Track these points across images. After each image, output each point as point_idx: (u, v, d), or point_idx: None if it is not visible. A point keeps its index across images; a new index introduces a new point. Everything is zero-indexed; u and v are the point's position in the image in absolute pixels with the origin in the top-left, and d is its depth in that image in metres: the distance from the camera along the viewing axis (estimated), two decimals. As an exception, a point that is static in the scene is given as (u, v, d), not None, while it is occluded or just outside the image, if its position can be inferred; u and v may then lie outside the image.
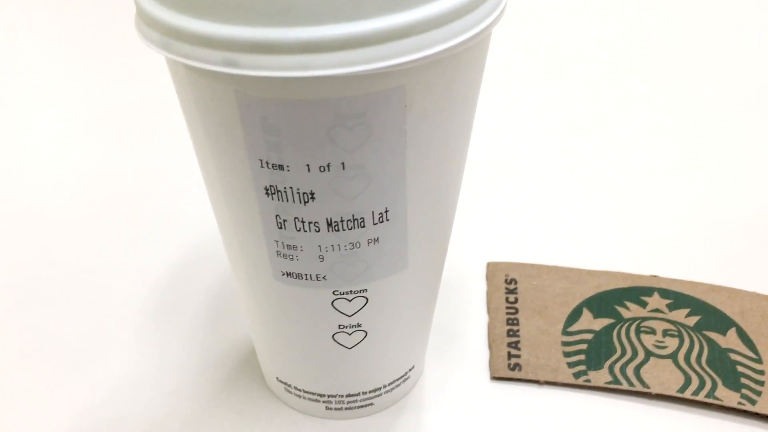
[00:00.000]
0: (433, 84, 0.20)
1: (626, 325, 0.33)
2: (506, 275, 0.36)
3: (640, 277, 0.36)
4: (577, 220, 0.40)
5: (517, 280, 0.36)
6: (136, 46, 0.58)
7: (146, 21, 0.20)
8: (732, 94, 0.51)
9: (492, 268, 0.37)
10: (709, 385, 0.30)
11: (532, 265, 0.37)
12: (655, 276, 0.36)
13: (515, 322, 0.34)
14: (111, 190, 0.42)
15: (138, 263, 0.37)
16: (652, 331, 0.33)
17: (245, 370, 0.32)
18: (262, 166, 0.21)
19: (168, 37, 0.19)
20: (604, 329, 0.33)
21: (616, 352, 0.32)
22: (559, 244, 0.38)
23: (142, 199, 0.42)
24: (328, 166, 0.21)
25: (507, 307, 0.35)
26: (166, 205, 0.41)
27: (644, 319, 0.34)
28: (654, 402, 0.30)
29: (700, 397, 0.30)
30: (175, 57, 0.19)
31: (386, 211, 0.23)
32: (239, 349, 0.33)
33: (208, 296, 0.35)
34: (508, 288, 0.36)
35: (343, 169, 0.21)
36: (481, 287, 0.36)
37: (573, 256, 0.38)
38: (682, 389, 0.30)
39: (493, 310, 0.35)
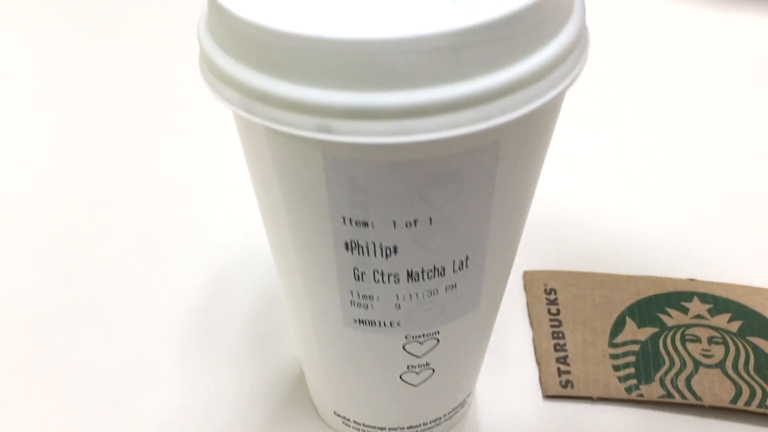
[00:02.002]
0: (524, 133, 0.20)
1: (671, 333, 0.33)
2: (545, 285, 0.36)
3: (678, 281, 0.36)
4: (609, 224, 0.40)
5: (557, 289, 0.36)
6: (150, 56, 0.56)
7: (221, 78, 0.19)
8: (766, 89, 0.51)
9: (529, 278, 0.37)
10: (760, 394, 0.31)
11: (569, 273, 0.37)
12: (692, 280, 0.36)
13: (560, 335, 0.33)
14: (129, 205, 0.41)
15: (168, 286, 0.36)
16: (697, 339, 0.33)
17: (295, 400, 0.31)
18: (344, 223, 0.20)
19: (251, 99, 0.18)
20: (650, 339, 0.33)
21: (664, 363, 0.32)
22: (593, 249, 0.38)
23: (163, 216, 0.40)
24: (415, 221, 0.20)
25: (550, 320, 0.34)
26: (189, 221, 0.40)
27: (688, 326, 0.34)
28: (708, 414, 0.30)
29: (753, 407, 0.30)
30: (260, 121, 0.18)
31: (466, 259, 0.22)
32: (287, 376, 0.32)
33: (248, 320, 0.34)
34: (549, 299, 0.35)
35: (430, 223, 0.20)
36: (520, 298, 0.36)
37: (608, 261, 0.37)
38: (734, 400, 0.30)
39: (536, 323, 0.34)
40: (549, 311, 0.35)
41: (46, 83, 0.52)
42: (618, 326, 0.34)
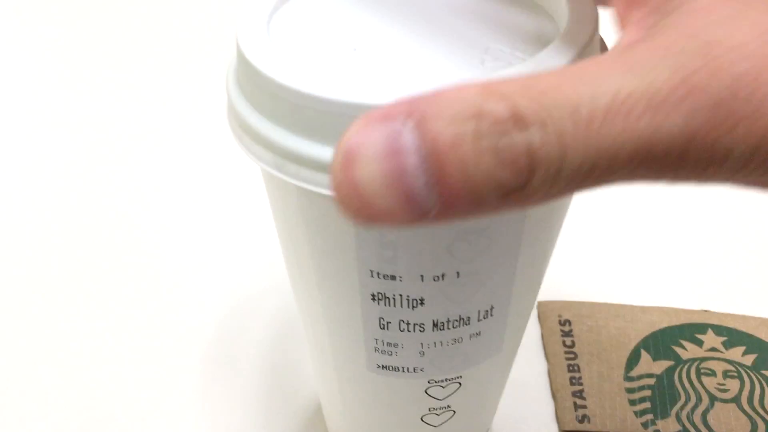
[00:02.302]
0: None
1: (686, 367, 0.34)
2: (559, 316, 0.36)
3: (692, 312, 0.36)
4: (622, 253, 0.40)
5: (571, 321, 0.36)
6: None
7: (253, 136, 0.19)
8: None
9: (543, 308, 0.37)
10: (775, 430, 0.31)
11: (583, 303, 0.37)
12: (706, 311, 0.36)
13: (576, 368, 0.34)
14: (144, 235, 0.41)
15: (185, 321, 0.36)
16: (713, 373, 0.33)
17: (313, 435, 0.31)
18: (372, 276, 0.20)
19: (283, 158, 0.18)
20: (665, 372, 0.33)
21: (680, 397, 0.32)
22: (607, 279, 0.38)
23: (176, 248, 0.40)
24: (443, 275, 0.20)
25: (565, 352, 0.34)
26: (203, 253, 0.40)
27: (703, 359, 0.34)
28: (724, 450, 0.31)
29: (769, 444, 0.30)
30: (292, 180, 0.18)
31: (491, 308, 0.22)
32: (305, 411, 0.32)
33: (265, 354, 0.34)
34: (563, 330, 0.35)
35: (458, 277, 0.20)
36: (534, 330, 0.36)
37: (622, 291, 0.37)
38: (751, 436, 0.31)
39: (551, 355, 0.34)
40: (564, 343, 0.35)
41: (61, 112, 0.52)
42: (633, 359, 0.34)
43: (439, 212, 0.12)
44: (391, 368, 0.23)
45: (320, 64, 0.19)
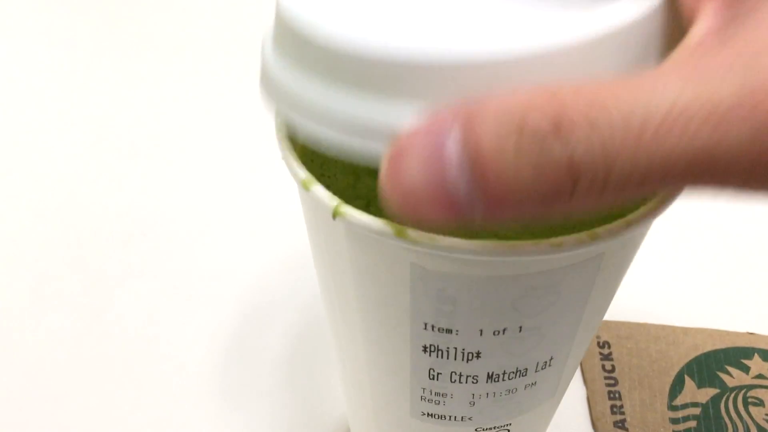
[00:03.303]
0: (627, 242, 0.18)
1: (732, 395, 0.32)
2: (598, 337, 0.34)
3: (736, 335, 0.34)
4: (662, 271, 0.38)
5: (610, 343, 0.34)
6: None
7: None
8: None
9: (580, 328, 0.35)
10: (829, 467, 0.29)
11: (622, 323, 0.35)
12: (751, 333, 0.35)
13: (617, 395, 0.32)
14: (158, 243, 0.39)
15: (199, 331, 0.35)
16: (761, 403, 0.32)
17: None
18: (425, 329, 0.19)
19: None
20: (711, 402, 0.32)
21: (727, 430, 0.31)
22: (646, 298, 0.37)
23: (191, 254, 0.39)
24: (504, 330, 0.18)
25: (605, 377, 0.33)
26: (218, 258, 0.38)
27: (750, 387, 0.32)
28: (775, 489, 0.29)
29: (823, 483, 0.29)
30: (348, 221, 0.16)
31: (551, 359, 0.20)
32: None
33: (285, 371, 0.33)
34: (602, 353, 0.34)
35: (519, 331, 0.19)
36: (571, 351, 0.34)
37: (662, 311, 0.36)
38: (803, 473, 0.29)
39: (590, 380, 0.33)
40: (603, 367, 0.33)
41: (83, 117, 0.50)
42: (677, 386, 0.32)
43: (485, 216, 0.13)
44: (437, 416, 0.22)
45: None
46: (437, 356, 0.19)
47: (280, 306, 0.36)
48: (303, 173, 0.17)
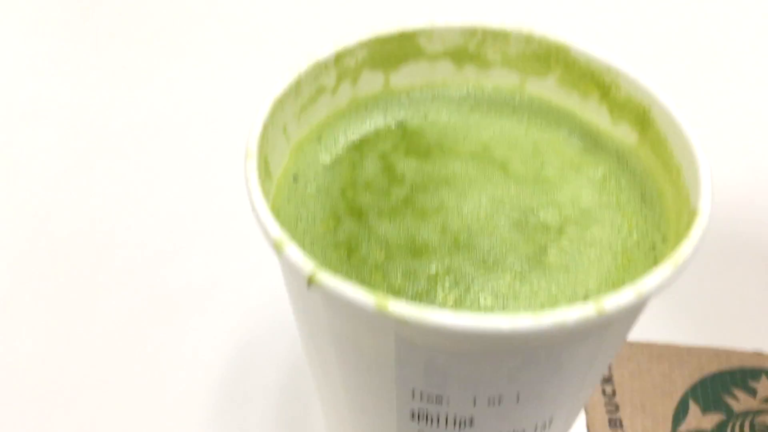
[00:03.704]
0: (635, 310, 0.16)
1: (739, 422, 0.30)
2: (598, 358, 0.33)
3: (743, 354, 0.33)
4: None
5: (611, 365, 0.33)
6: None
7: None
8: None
9: (580, 348, 0.33)
10: (841, 500, 0.28)
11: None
12: (759, 353, 0.33)
13: (618, 423, 0.30)
14: (143, 264, 0.37)
15: (187, 357, 0.33)
16: (769, 430, 0.30)
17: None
18: (413, 397, 0.17)
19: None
20: (717, 429, 0.30)
21: (734, 460, 0.29)
22: (647, 315, 0.35)
23: (178, 274, 0.37)
24: (500, 398, 0.17)
25: (606, 404, 0.31)
26: (207, 279, 0.36)
27: (757, 413, 0.31)
28: None
29: None
30: (325, 293, 0.15)
31: (550, 420, 0.19)
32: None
33: (275, 402, 0.31)
34: (603, 376, 0.32)
35: (517, 401, 0.17)
36: (570, 373, 0.32)
37: (665, 328, 0.34)
38: (813, 507, 0.28)
39: (590, 407, 0.31)
40: (604, 392, 0.32)
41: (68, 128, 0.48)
42: (681, 411, 0.31)
43: None
44: (427, 476, 0.20)
45: None
46: (427, 422, 0.18)
47: (273, 334, 0.34)
48: (275, 230, 0.16)
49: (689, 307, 0.35)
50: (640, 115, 0.19)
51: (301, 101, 0.20)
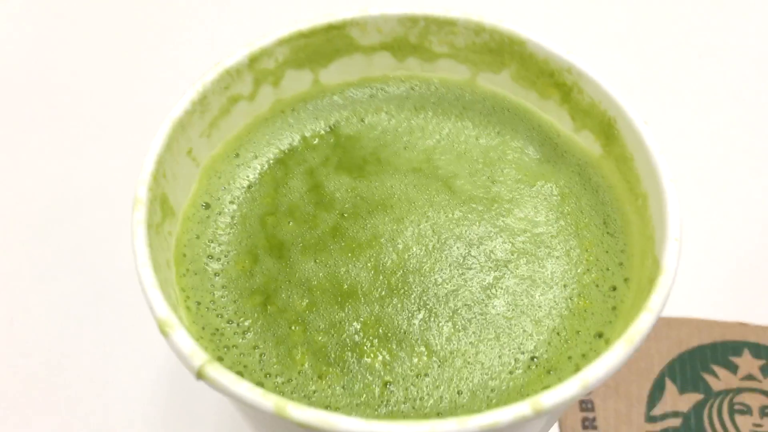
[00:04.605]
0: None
1: (717, 402, 0.29)
2: (572, 333, 0.31)
3: (726, 325, 0.31)
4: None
5: (586, 340, 0.31)
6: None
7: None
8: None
9: (553, 322, 0.32)
10: (818, 487, 0.27)
11: (599, 314, 0.32)
12: (742, 324, 0.31)
13: (589, 406, 0.29)
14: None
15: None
16: (748, 411, 0.29)
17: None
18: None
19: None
20: (693, 410, 0.29)
21: (710, 445, 0.28)
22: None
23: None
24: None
25: (578, 384, 0.30)
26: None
27: (737, 392, 0.29)
28: None
29: (811, 506, 0.26)
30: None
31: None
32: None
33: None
34: (576, 353, 0.31)
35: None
36: (542, 350, 0.31)
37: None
38: (789, 495, 0.27)
39: (562, 387, 0.30)
40: (576, 371, 0.30)
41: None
42: (656, 391, 0.29)
43: None
44: None
45: None
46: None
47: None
48: (161, 309, 0.13)
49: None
50: (605, 126, 0.17)
51: (209, 117, 0.17)
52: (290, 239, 0.17)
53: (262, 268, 0.17)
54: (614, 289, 0.16)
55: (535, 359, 0.15)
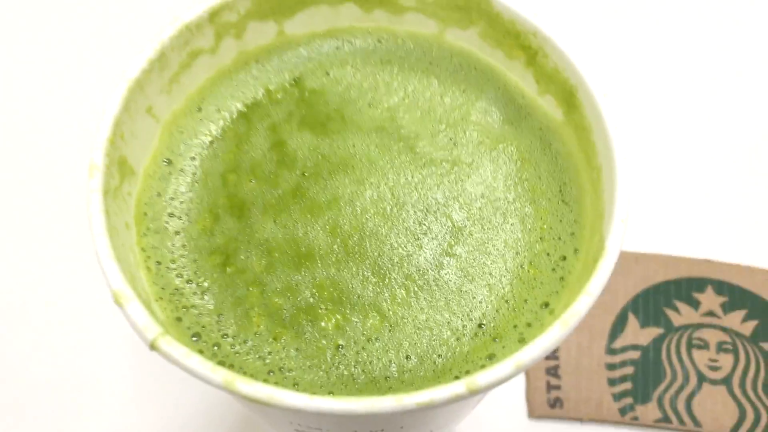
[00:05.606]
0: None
1: (677, 336, 0.30)
2: (541, 266, 0.32)
3: (692, 262, 0.32)
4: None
5: (554, 273, 0.32)
6: None
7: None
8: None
9: (524, 254, 0.32)
10: (765, 419, 0.28)
11: (570, 248, 0.32)
12: (708, 261, 0.32)
13: (554, 338, 0.30)
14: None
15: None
16: (705, 346, 0.30)
17: None
18: (295, 426, 0.16)
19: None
20: (653, 344, 0.30)
21: (665, 377, 0.29)
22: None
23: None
24: (382, 429, 0.16)
25: (544, 316, 0.31)
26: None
27: (696, 327, 0.30)
28: (705, 442, 0.28)
29: (755, 437, 0.28)
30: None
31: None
32: None
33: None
34: (545, 286, 0.31)
35: (401, 428, 0.16)
36: (512, 281, 0.32)
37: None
38: (737, 425, 0.28)
39: (528, 319, 0.31)
40: (543, 303, 0.31)
41: None
42: (619, 325, 0.30)
43: None
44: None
45: None
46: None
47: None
48: (116, 281, 0.14)
49: (638, 214, 0.34)
50: (567, 94, 0.17)
51: (169, 73, 0.17)
52: (251, 198, 0.17)
53: (222, 228, 0.17)
54: (564, 258, 0.16)
55: (483, 326, 0.16)
